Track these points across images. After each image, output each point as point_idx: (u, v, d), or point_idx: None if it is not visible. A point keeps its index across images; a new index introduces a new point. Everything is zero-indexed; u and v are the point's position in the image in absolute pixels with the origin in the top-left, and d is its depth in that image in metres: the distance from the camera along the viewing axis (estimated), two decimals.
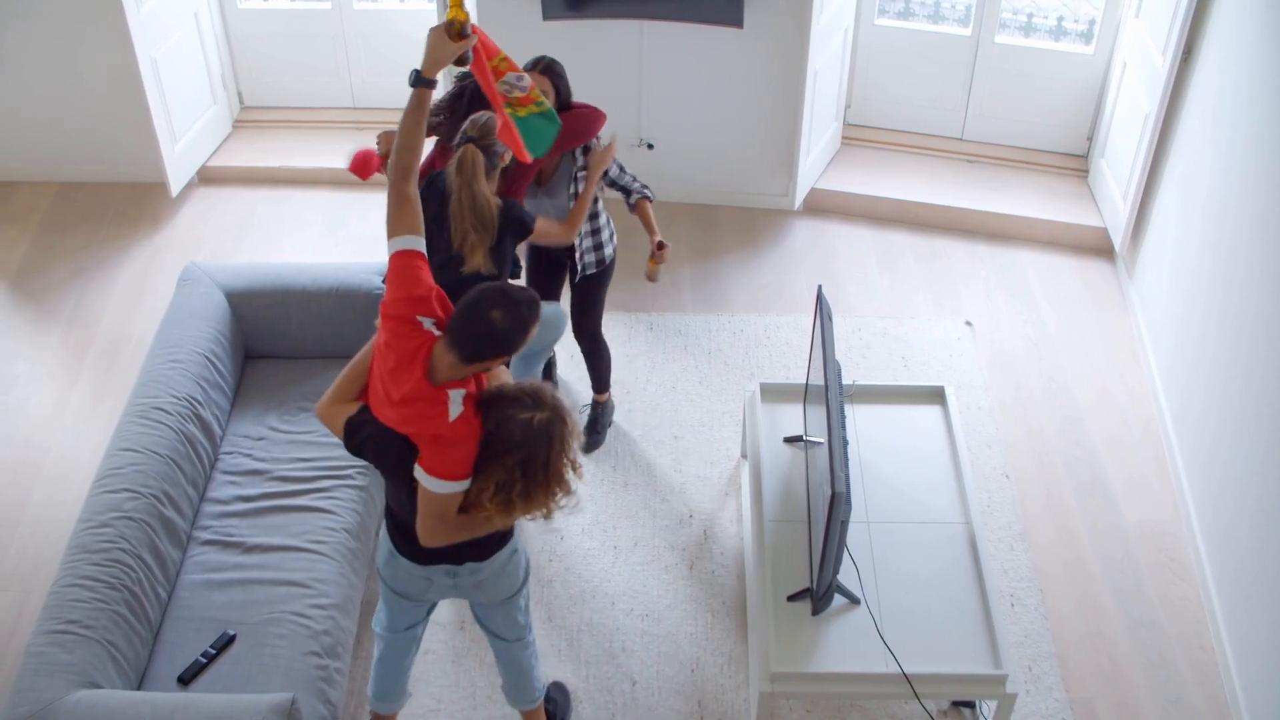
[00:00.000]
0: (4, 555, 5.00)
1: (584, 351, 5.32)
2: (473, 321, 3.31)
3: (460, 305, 3.35)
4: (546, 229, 4.47)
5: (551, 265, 5.15)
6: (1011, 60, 6.87)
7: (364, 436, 3.45)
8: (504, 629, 3.98)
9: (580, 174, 4.76)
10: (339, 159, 7.11)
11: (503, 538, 3.71)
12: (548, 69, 4.66)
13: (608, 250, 5.02)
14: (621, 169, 4.93)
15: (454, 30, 3.69)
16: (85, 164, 7.10)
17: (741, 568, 4.96)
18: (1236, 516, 4.62)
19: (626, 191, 4.94)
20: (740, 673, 4.60)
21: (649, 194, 4.97)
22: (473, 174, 4.09)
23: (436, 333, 3.39)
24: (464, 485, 3.37)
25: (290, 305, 5.08)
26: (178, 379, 4.68)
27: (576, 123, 4.69)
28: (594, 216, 4.93)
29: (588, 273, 5.03)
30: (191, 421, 4.61)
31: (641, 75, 6.52)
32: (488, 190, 4.16)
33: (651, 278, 4.98)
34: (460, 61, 3.84)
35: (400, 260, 3.46)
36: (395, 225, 3.49)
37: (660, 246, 4.88)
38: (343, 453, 4.65)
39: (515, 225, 4.29)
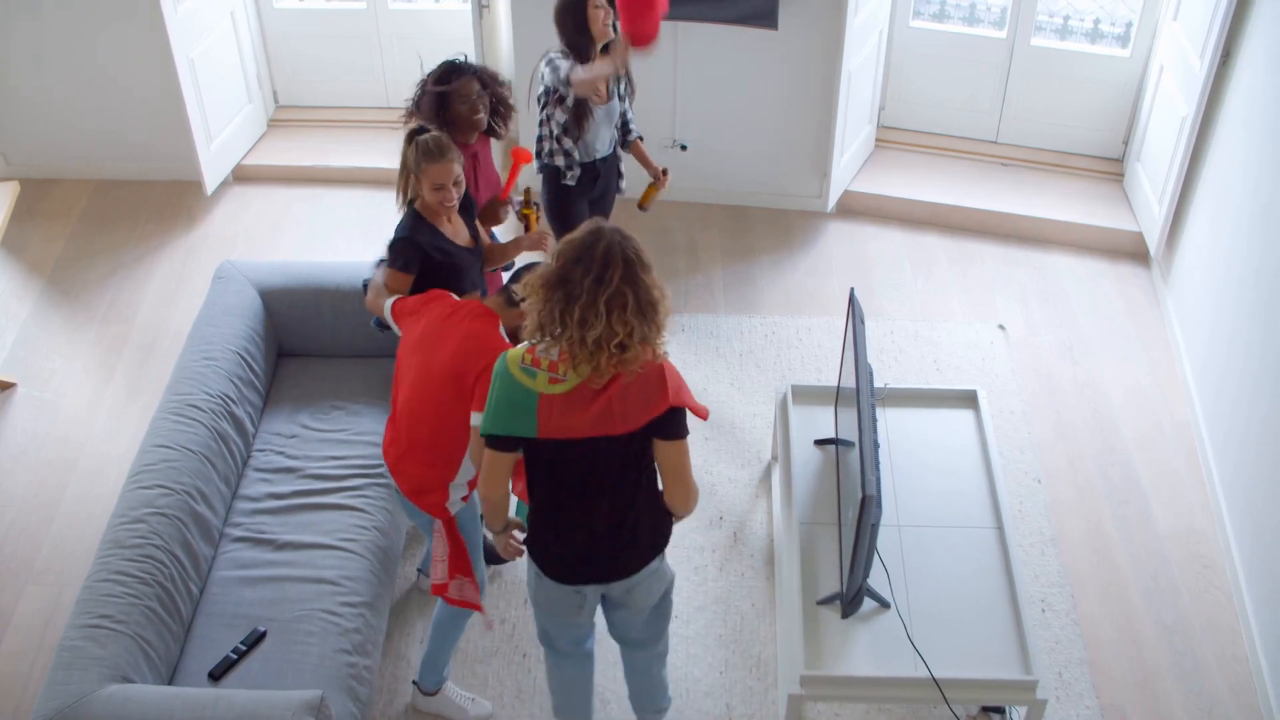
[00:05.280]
0: (38, 549, 5.05)
1: None
2: None
3: None
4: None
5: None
6: (1047, 63, 6.84)
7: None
8: (645, 634, 3.92)
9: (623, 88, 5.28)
10: (372, 157, 7.18)
11: (654, 548, 3.62)
12: None
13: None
14: (630, 106, 5.33)
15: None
16: (122, 162, 7.16)
17: (771, 570, 4.95)
18: (1271, 524, 4.58)
19: (627, 130, 5.35)
20: (769, 675, 4.59)
21: (642, 136, 5.49)
22: None
23: None
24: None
25: (323, 304, 5.10)
26: (211, 376, 4.71)
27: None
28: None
29: None
30: (224, 419, 4.63)
31: (676, 76, 6.52)
32: None
33: (644, 204, 5.48)
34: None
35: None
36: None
37: (665, 173, 5.42)
38: (374, 451, 4.67)
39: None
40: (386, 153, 7.23)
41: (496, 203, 4.77)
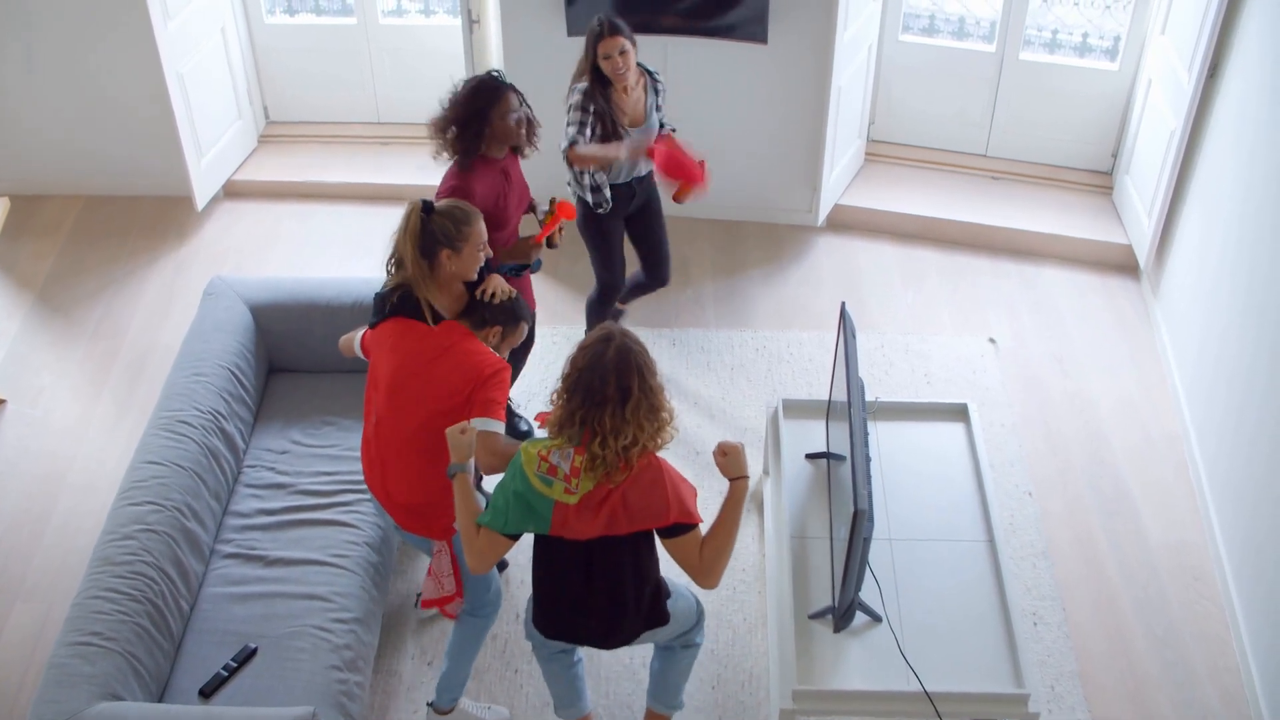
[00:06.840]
0: (28, 566, 5.03)
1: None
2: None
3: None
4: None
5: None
6: (1036, 77, 6.86)
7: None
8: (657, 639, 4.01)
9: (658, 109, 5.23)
10: (363, 173, 7.18)
11: (650, 621, 3.78)
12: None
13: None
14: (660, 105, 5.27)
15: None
16: (112, 178, 7.15)
17: (763, 584, 4.95)
18: (1261, 536, 4.59)
19: (661, 125, 5.26)
20: (761, 690, 4.58)
21: (674, 129, 5.39)
22: None
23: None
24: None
25: (314, 319, 5.09)
26: (202, 392, 4.71)
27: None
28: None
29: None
30: (215, 434, 4.63)
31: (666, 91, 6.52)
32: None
33: (680, 198, 5.25)
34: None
35: None
36: None
37: (703, 165, 5.18)
38: None
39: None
40: (377, 168, 7.24)
41: (528, 244, 4.73)
